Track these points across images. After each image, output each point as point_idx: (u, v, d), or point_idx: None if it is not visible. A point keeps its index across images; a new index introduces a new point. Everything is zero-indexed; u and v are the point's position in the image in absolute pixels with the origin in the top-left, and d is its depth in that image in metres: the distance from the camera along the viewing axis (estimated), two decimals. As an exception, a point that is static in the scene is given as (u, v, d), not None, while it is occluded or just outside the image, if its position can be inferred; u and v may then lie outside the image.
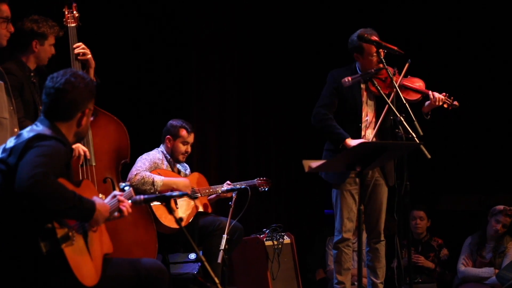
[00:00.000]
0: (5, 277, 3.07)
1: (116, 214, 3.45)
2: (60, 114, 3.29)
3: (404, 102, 4.85)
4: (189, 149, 5.90)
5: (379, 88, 5.13)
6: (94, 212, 3.16)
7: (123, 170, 5.11)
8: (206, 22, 7.77)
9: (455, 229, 7.42)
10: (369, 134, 5.48)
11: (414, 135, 4.68)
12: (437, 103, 5.32)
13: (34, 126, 3.28)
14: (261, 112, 8.28)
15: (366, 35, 5.22)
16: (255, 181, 6.13)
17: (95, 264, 3.25)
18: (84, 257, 3.18)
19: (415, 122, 4.78)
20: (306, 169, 4.34)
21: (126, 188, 3.61)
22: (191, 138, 5.91)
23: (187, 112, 7.37)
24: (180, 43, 7.61)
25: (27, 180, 2.94)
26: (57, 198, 2.98)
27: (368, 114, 5.50)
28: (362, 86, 5.47)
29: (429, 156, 4.62)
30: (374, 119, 5.47)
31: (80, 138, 3.53)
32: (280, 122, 8.45)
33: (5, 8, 4.26)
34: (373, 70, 5.16)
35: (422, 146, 4.60)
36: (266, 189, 6.20)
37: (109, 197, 3.50)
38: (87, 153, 4.60)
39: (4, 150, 3.18)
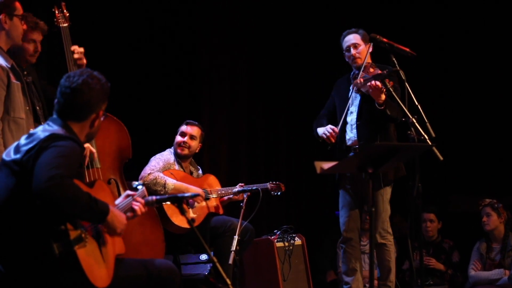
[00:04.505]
0: (18, 278, 3.07)
1: (129, 214, 3.45)
2: (74, 114, 3.27)
3: (417, 103, 4.82)
4: (188, 141, 5.85)
5: (391, 90, 5.10)
6: (108, 215, 3.13)
7: (125, 168, 5.11)
8: (217, 23, 7.78)
9: (467, 231, 7.39)
10: (354, 134, 5.48)
11: (427, 137, 4.66)
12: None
13: (46, 126, 3.25)
14: (271, 114, 8.28)
15: (378, 37, 5.23)
16: (268, 184, 6.09)
17: (107, 265, 3.25)
18: (97, 259, 3.18)
19: (428, 124, 4.75)
20: (318, 171, 4.32)
21: (139, 187, 3.60)
22: (185, 129, 5.90)
23: (197, 113, 7.38)
24: (191, 44, 7.63)
25: (44, 182, 2.92)
26: (73, 201, 2.98)
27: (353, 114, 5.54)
28: (352, 87, 5.49)
29: (441, 158, 4.59)
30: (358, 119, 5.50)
31: (90, 139, 3.52)
32: (290, 124, 8.45)
33: (20, 6, 4.26)
34: (385, 72, 5.14)
35: (434, 148, 4.58)
36: (279, 193, 6.17)
37: (122, 196, 3.51)
38: (95, 154, 4.59)
39: (17, 150, 3.16)
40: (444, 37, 8.12)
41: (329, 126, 5.52)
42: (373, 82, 5.13)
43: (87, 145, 4.45)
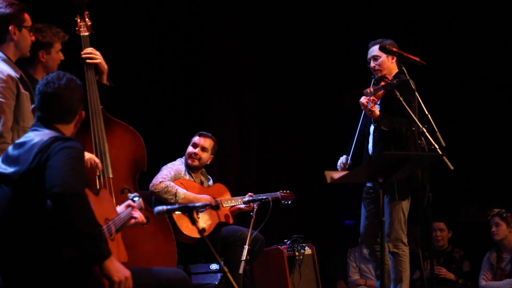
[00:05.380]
0: (28, 284, 3.05)
1: (132, 221, 3.51)
2: (62, 118, 3.26)
3: (427, 113, 4.82)
4: (199, 153, 5.87)
5: (402, 98, 5.10)
6: (107, 259, 3.03)
7: (139, 179, 5.10)
8: (225, 35, 7.81)
9: (477, 240, 7.37)
10: (371, 145, 5.52)
11: (437, 146, 4.65)
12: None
13: (37, 132, 3.21)
14: (281, 123, 8.28)
15: (387, 46, 5.24)
16: (278, 193, 6.11)
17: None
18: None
19: (438, 133, 4.75)
20: (328, 180, 4.31)
21: (136, 199, 3.69)
22: (197, 140, 5.92)
23: (207, 124, 7.39)
24: (200, 55, 7.65)
25: (62, 185, 2.90)
26: (85, 218, 2.94)
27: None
28: None
29: (452, 168, 4.58)
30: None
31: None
32: (300, 133, 8.45)
33: (28, 17, 4.29)
34: (395, 81, 5.15)
35: (445, 157, 4.57)
36: (289, 202, 6.18)
37: (123, 205, 3.57)
38: (99, 164, 4.56)
39: (12, 161, 3.12)
40: (455, 46, 8.11)
41: (341, 159, 5.57)
42: (361, 99, 5.21)
43: (89, 156, 4.45)
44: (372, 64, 5.50)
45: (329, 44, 8.38)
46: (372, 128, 5.51)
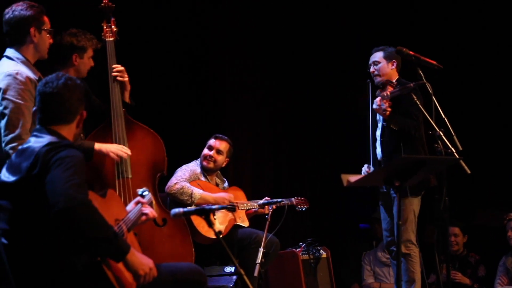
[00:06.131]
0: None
1: (142, 218, 3.51)
2: (62, 118, 3.25)
3: (444, 117, 4.82)
4: (214, 156, 5.90)
5: (418, 102, 5.11)
6: (126, 254, 3.06)
7: (159, 182, 5.12)
8: (239, 39, 7.81)
9: (493, 245, 7.33)
10: (379, 149, 5.53)
11: (454, 150, 4.64)
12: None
13: (37, 138, 3.19)
14: (294, 127, 8.28)
15: (404, 50, 5.25)
16: (293, 199, 6.11)
17: (130, 273, 3.24)
18: (120, 267, 3.15)
19: (454, 137, 4.74)
20: (345, 184, 4.31)
21: (145, 193, 3.67)
22: (213, 142, 5.95)
23: (221, 128, 7.40)
24: (214, 60, 7.67)
25: (65, 201, 2.88)
26: (95, 225, 2.93)
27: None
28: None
29: (468, 172, 4.57)
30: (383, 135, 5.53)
31: (76, 139, 3.50)
32: (314, 137, 8.43)
33: (48, 20, 4.32)
34: (412, 85, 5.15)
35: (461, 161, 4.56)
36: (304, 208, 6.18)
37: (132, 203, 3.57)
38: (128, 151, 4.58)
39: (15, 169, 3.10)
40: (471, 49, 8.08)
41: (364, 169, 5.54)
42: (376, 100, 5.29)
43: (111, 149, 4.47)
44: (372, 69, 5.63)
45: (343, 47, 8.36)
46: (378, 132, 5.54)
